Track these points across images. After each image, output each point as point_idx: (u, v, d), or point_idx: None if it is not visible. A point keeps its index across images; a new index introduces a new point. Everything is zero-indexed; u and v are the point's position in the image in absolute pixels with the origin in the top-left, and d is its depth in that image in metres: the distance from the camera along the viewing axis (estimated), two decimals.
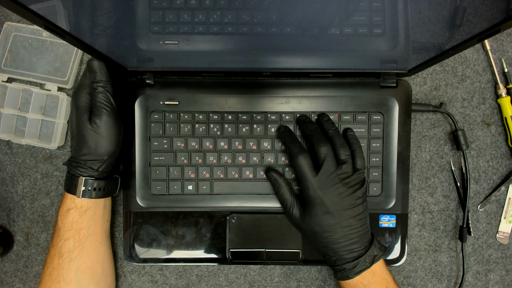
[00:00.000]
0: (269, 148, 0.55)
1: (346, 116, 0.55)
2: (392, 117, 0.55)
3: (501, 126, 0.59)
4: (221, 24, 0.49)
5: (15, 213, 0.59)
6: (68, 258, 0.49)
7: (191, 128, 0.55)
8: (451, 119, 0.56)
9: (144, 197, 0.55)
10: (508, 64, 0.58)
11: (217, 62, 0.52)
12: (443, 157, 0.59)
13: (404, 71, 0.51)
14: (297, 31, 0.48)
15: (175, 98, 0.55)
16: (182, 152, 0.55)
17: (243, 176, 0.55)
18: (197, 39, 0.51)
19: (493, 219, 0.59)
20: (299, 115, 0.54)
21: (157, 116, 0.55)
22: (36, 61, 0.58)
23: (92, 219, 0.50)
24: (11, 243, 0.59)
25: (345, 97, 0.55)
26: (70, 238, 0.49)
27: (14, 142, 0.58)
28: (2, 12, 0.60)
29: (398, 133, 0.55)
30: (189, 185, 0.55)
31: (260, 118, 0.55)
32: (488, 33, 0.35)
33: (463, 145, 0.56)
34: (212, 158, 0.55)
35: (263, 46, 0.51)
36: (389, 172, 0.55)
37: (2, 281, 0.59)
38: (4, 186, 0.59)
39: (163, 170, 0.55)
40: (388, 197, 0.55)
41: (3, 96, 0.57)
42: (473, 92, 0.59)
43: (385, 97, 0.55)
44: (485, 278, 0.59)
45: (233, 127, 0.55)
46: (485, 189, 0.59)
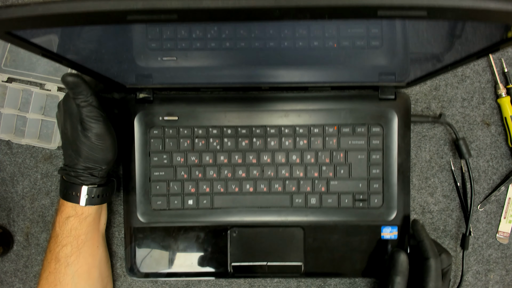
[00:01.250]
0: (269, 161, 0.55)
1: (346, 129, 0.55)
2: (391, 129, 0.55)
3: (501, 126, 0.59)
4: (218, 40, 0.50)
5: (15, 213, 0.60)
6: (65, 263, 0.49)
7: (191, 143, 0.56)
8: (452, 129, 0.56)
9: (145, 212, 0.56)
10: (508, 64, 0.59)
11: (215, 77, 0.52)
12: (443, 157, 0.59)
13: (402, 83, 0.52)
14: (294, 46, 0.49)
15: (174, 114, 0.55)
16: (182, 167, 0.56)
17: (244, 189, 0.56)
18: (195, 54, 0.51)
19: (493, 219, 0.59)
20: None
21: (157, 132, 0.55)
22: (36, 61, 0.59)
23: (90, 225, 0.51)
24: (11, 243, 0.60)
25: (344, 110, 0.55)
26: (68, 244, 0.49)
27: (14, 142, 0.59)
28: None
29: (398, 144, 0.55)
30: (189, 200, 0.56)
31: (259, 132, 0.56)
32: (487, 52, 0.35)
33: (465, 154, 0.56)
34: (212, 172, 0.55)
35: (261, 61, 0.51)
36: (390, 184, 0.55)
37: (2, 281, 0.60)
38: (4, 186, 0.60)
39: (163, 185, 0.56)
40: (390, 209, 0.55)
41: (3, 96, 0.58)
42: (473, 92, 0.59)
43: (384, 109, 0.55)
44: (485, 278, 0.59)
45: (232, 141, 0.56)
46: (485, 189, 0.59)
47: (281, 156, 0.56)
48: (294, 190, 0.55)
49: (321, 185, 0.55)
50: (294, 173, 0.55)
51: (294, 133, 0.56)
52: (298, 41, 0.49)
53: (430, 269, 0.48)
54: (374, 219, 0.55)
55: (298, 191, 0.55)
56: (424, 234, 0.51)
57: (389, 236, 0.56)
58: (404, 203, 0.55)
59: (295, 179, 0.55)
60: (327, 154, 0.55)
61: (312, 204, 0.55)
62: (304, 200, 0.55)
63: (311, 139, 0.56)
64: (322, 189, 0.55)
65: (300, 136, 0.56)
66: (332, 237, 0.56)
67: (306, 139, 0.55)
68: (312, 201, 0.55)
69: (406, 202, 0.55)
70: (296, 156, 0.56)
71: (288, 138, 0.56)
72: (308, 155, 0.55)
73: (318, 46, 0.49)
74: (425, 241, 0.50)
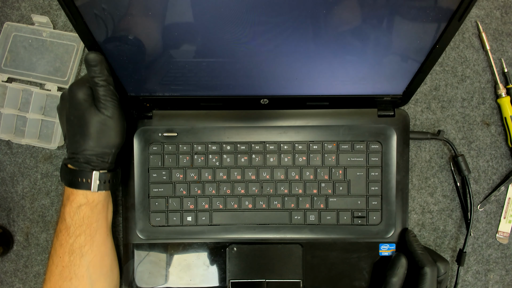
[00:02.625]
0: (268, 178, 0.56)
1: (344, 146, 0.56)
2: (390, 146, 0.56)
3: (501, 126, 0.60)
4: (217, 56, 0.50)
5: (15, 213, 0.61)
6: (80, 254, 0.49)
7: (190, 159, 0.56)
8: (451, 146, 0.57)
9: (144, 229, 0.56)
10: (508, 64, 0.60)
11: (216, 88, 0.53)
12: (443, 157, 0.60)
13: (399, 94, 0.53)
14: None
15: (173, 130, 0.56)
16: (181, 184, 0.56)
17: (243, 206, 0.56)
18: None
19: (493, 219, 0.60)
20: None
21: (156, 148, 0.56)
22: (36, 61, 0.60)
23: (101, 212, 0.51)
24: (11, 243, 0.60)
25: (343, 127, 0.56)
26: (82, 234, 0.50)
27: (14, 142, 0.60)
28: (2, 12, 0.62)
29: (397, 162, 0.56)
30: (188, 216, 0.56)
31: (258, 148, 0.56)
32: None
33: (464, 171, 0.57)
34: (211, 189, 0.56)
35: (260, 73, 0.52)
36: (389, 201, 0.56)
37: (2, 281, 0.60)
38: (4, 186, 0.61)
39: (162, 201, 0.56)
40: (388, 226, 0.56)
41: (3, 96, 0.59)
42: (473, 92, 0.60)
43: (383, 126, 0.56)
44: (485, 278, 0.60)
45: (231, 157, 0.56)
46: (485, 189, 0.60)
47: (280, 173, 0.56)
48: (293, 207, 0.56)
49: (320, 202, 0.56)
50: (293, 190, 0.56)
51: (293, 150, 0.57)
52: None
53: (425, 277, 0.49)
54: (372, 236, 0.56)
55: (297, 208, 0.56)
56: (415, 245, 0.53)
57: (387, 253, 0.56)
58: (402, 220, 0.56)
59: (294, 195, 0.56)
60: (326, 171, 0.56)
61: (311, 221, 0.56)
62: (303, 217, 0.56)
63: (310, 155, 0.56)
64: (321, 206, 0.56)
65: (299, 153, 0.57)
66: (330, 254, 0.56)
67: (305, 156, 0.56)
68: (311, 218, 0.56)
69: (404, 219, 0.56)
70: (295, 173, 0.56)
71: (287, 154, 0.56)
72: (307, 172, 0.56)
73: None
74: (417, 252, 0.52)
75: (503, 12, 0.61)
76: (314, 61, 0.45)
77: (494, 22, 0.61)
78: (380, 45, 0.42)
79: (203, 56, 0.44)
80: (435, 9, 0.37)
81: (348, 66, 0.46)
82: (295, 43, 0.42)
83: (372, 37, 0.41)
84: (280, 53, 0.43)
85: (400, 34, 0.41)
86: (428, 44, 0.42)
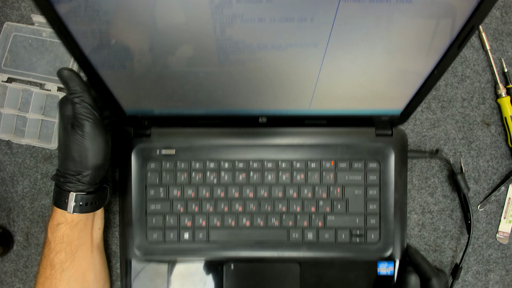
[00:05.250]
0: (266, 195, 0.57)
1: (343, 164, 0.57)
2: (388, 165, 0.57)
3: (501, 126, 0.62)
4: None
5: (15, 213, 0.61)
6: (60, 269, 0.50)
7: (188, 176, 0.57)
8: (449, 165, 0.58)
9: (141, 245, 0.57)
10: (508, 64, 0.61)
11: (214, 106, 0.54)
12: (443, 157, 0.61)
13: (397, 115, 0.54)
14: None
15: (171, 147, 0.57)
16: (179, 201, 0.57)
17: (240, 224, 0.57)
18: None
19: (493, 219, 0.61)
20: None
21: (154, 165, 0.57)
22: (36, 61, 0.61)
23: (82, 230, 0.51)
24: (11, 243, 0.61)
25: (341, 145, 0.57)
26: (62, 250, 0.50)
27: (14, 142, 0.61)
28: (2, 12, 0.63)
29: (395, 180, 0.57)
30: (185, 233, 0.57)
31: (256, 166, 0.57)
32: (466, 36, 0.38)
33: (464, 189, 0.58)
34: (208, 206, 0.57)
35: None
36: (387, 220, 0.57)
37: (2, 281, 0.61)
38: (4, 186, 0.62)
39: (160, 218, 0.57)
40: (386, 245, 0.57)
41: (3, 96, 0.60)
42: (473, 92, 0.62)
43: (381, 145, 0.57)
44: (485, 278, 0.61)
45: (229, 175, 0.57)
46: (485, 189, 0.61)
47: (278, 190, 0.57)
48: (291, 225, 0.57)
49: (318, 220, 0.57)
50: (291, 208, 0.57)
51: (291, 168, 0.57)
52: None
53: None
54: (371, 254, 0.57)
55: (295, 226, 0.57)
56: (420, 257, 0.55)
57: (386, 272, 0.57)
58: (401, 239, 0.57)
59: (292, 213, 0.57)
60: (324, 189, 0.57)
61: (309, 239, 0.57)
62: (301, 235, 0.57)
63: (308, 173, 0.57)
64: (319, 224, 0.57)
65: (297, 171, 0.58)
66: (328, 272, 0.57)
67: (303, 174, 0.57)
68: (309, 236, 0.57)
69: (403, 238, 0.57)
70: (293, 191, 0.57)
71: (285, 172, 0.57)
72: (305, 190, 0.57)
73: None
74: (423, 264, 0.54)
75: (503, 12, 0.62)
76: (312, 81, 0.46)
77: (494, 22, 0.62)
78: (379, 67, 0.44)
79: (199, 77, 0.45)
80: (435, 36, 0.39)
81: (347, 86, 0.48)
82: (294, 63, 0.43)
83: (371, 59, 0.42)
84: (277, 73, 0.44)
85: (399, 57, 0.42)
86: (427, 69, 0.43)
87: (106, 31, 0.37)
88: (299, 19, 0.34)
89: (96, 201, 0.51)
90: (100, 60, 0.41)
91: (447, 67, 0.42)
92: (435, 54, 0.41)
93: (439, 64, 0.42)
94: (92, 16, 0.35)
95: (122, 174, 0.58)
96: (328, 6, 0.33)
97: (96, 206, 0.52)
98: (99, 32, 0.37)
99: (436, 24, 0.37)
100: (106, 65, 0.42)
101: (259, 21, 0.35)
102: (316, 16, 0.34)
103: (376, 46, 0.40)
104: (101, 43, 0.38)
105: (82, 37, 0.38)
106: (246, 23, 0.35)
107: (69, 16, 0.35)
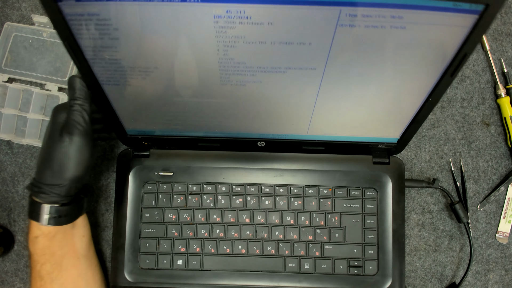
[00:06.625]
0: (262, 221, 0.58)
1: (340, 191, 0.58)
2: (385, 194, 0.58)
3: (500, 126, 0.63)
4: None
5: (15, 213, 0.62)
6: (49, 280, 0.50)
7: (184, 199, 0.58)
8: (447, 193, 0.60)
9: (132, 271, 0.57)
10: (508, 64, 0.63)
11: (213, 129, 0.55)
12: (443, 157, 0.62)
13: (393, 143, 0.56)
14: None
15: (169, 169, 0.59)
16: (174, 225, 0.58)
17: (235, 251, 0.57)
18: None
19: (493, 219, 0.62)
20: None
21: (151, 187, 0.58)
22: (36, 61, 0.62)
23: (63, 240, 0.50)
24: (11, 243, 0.61)
25: (339, 172, 0.59)
26: (46, 262, 0.49)
27: (15, 142, 0.62)
28: (2, 12, 0.64)
29: (393, 210, 0.58)
30: (178, 260, 0.57)
31: (254, 191, 0.58)
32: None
33: (463, 218, 0.59)
34: (203, 231, 0.57)
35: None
36: (385, 251, 0.57)
37: (3, 280, 0.61)
38: (4, 186, 0.62)
39: (153, 243, 0.57)
40: (385, 277, 0.57)
41: (4, 96, 0.61)
42: (473, 92, 0.63)
43: (378, 173, 0.58)
44: (485, 278, 0.61)
45: (226, 199, 0.58)
46: (485, 189, 0.62)
47: (275, 217, 0.58)
48: (287, 253, 0.57)
49: (316, 249, 0.57)
50: (288, 235, 0.57)
51: (289, 193, 0.58)
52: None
53: None
54: (369, 287, 0.57)
55: (291, 254, 0.57)
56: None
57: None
58: (399, 271, 0.57)
59: (288, 241, 0.57)
60: (322, 217, 0.58)
61: (306, 269, 0.57)
62: (298, 265, 0.57)
63: (306, 200, 0.58)
64: (316, 254, 0.57)
65: (294, 197, 0.58)
66: None
67: (301, 200, 0.58)
68: (306, 266, 0.57)
69: (401, 271, 0.57)
70: (290, 217, 0.58)
71: (282, 198, 0.58)
72: (303, 217, 0.58)
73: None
74: None
75: (502, 12, 0.64)
76: (310, 106, 0.48)
77: (493, 22, 0.64)
78: (374, 94, 0.45)
79: (201, 97, 0.47)
80: (428, 64, 0.41)
81: (343, 113, 0.49)
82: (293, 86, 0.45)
83: (366, 85, 0.44)
84: (276, 95, 0.46)
85: (393, 84, 0.44)
86: (421, 97, 0.45)
87: (114, 48, 0.39)
88: (298, 43, 0.37)
89: (71, 213, 0.50)
90: (106, 76, 0.43)
91: (441, 95, 0.44)
92: (429, 82, 0.43)
93: (433, 91, 0.44)
94: (102, 32, 0.37)
95: (118, 195, 0.58)
96: (326, 30, 0.36)
97: (71, 218, 0.51)
98: (107, 48, 0.39)
99: (429, 51, 0.39)
100: (112, 81, 0.44)
101: (260, 44, 0.37)
102: (315, 40, 0.37)
103: (371, 73, 0.42)
104: (108, 60, 0.40)
105: (90, 53, 0.40)
106: (248, 45, 0.37)
107: (79, 30, 0.37)
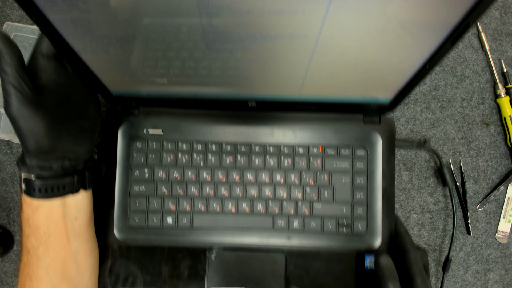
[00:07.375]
0: (252, 180, 0.58)
1: (330, 150, 0.57)
2: (376, 153, 0.58)
3: (500, 126, 0.63)
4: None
5: (15, 213, 0.63)
6: (35, 256, 0.48)
7: (174, 158, 0.57)
8: (436, 156, 0.59)
9: (122, 229, 0.57)
10: (507, 64, 0.62)
11: (202, 88, 0.53)
12: (442, 157, 0.63)
13: (386, 103, 0.54)
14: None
15: (159, 127, 0.57)
16: (164, 183, 0.57)
17: (225, 209, 0.58)
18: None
19: (492, 219, 0.63)
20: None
21: (140, 145, 0.57)
22: None
23: (49, 217, 0.48)
24: (11, 243, 0.62)
25: (329, 131, 0.58)
26: (31, 234, 0.48)
27: (14, 142, 0.62)
28: (2, 12, 0.63)
29: (383, 169, 0.58)
30: (168, 218, 0.57)
31: (244, 150, 0.58)
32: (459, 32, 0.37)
33: (449, 182, 0.59)
34: (193, 189, 0.57)
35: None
36: (374, 210, 0.58)
37: (2, 281, 0.62)
38: (4, 186, 0.63)
39: (143, 201, 0.57)
40: (374, 236, 0.58)
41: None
42: (472, 92, 0.63)
43: (369, 132, 0.58)
44: (484, 278, 0.63)
45: (216, 157, 0.58)
46: (484, 188, 0.63)
47: (265, 175, 0.58)
48: (277, 212, 0.58)
49: (305, 207, 0.58)
50: (277, 194, 0.58)
51: (279, 152, 0.58)
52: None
53: (412, 262, 0.51)
54: (358, 245, 0.58)
55: (281, 213, 0.58)
56: (404, 229, 0.55)
57: (373, 265, 0.58)
58: (389, 230, 0.58)
59: (278, 200, 0.58)
60: (311, 175, 0.58)
61: (295, 227, 0.58)
62: (287, 223, 0.58)
63: (296, 159, 0.58)
64: (305, 212, 0.58)
65: (284, 155, 0.58)
66: (314, 264, 0.58)
67: (291, 159, 0.58)
68: (295, 224, 0.58)
69: (391, 230, 0.58)
70: (280, 176, 0.58)
71: (272, 157, 0.58)
72: (292, 176, 0.58)
73: None
74: (404, 236, 0.54)
75: (502, 12, 0.63)
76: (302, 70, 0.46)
77: (493, 22, 0.63)
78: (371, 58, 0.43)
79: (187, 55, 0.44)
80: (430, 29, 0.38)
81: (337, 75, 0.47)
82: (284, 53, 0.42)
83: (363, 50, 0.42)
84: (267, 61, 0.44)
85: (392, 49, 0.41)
86: (418, 62, 0.43)
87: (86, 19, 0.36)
88: (289, 12, 0.34)
89: (47, 188, 0.46)
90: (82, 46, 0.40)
91: (439, 62, 0.42)
92: (428, 48, 0.40)
93: (432, 58, 0.42)
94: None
95: (106, 153, 0.57)
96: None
97: (48, 194, 0.47)
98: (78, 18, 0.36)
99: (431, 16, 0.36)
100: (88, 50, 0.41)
101: (247, 13, 0.34)
102: (308, 9, 0.34)
103: (369, 38, 0.39)
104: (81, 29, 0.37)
105: (60, 21, 0.37)
106: (233, 15, 0.34)
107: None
